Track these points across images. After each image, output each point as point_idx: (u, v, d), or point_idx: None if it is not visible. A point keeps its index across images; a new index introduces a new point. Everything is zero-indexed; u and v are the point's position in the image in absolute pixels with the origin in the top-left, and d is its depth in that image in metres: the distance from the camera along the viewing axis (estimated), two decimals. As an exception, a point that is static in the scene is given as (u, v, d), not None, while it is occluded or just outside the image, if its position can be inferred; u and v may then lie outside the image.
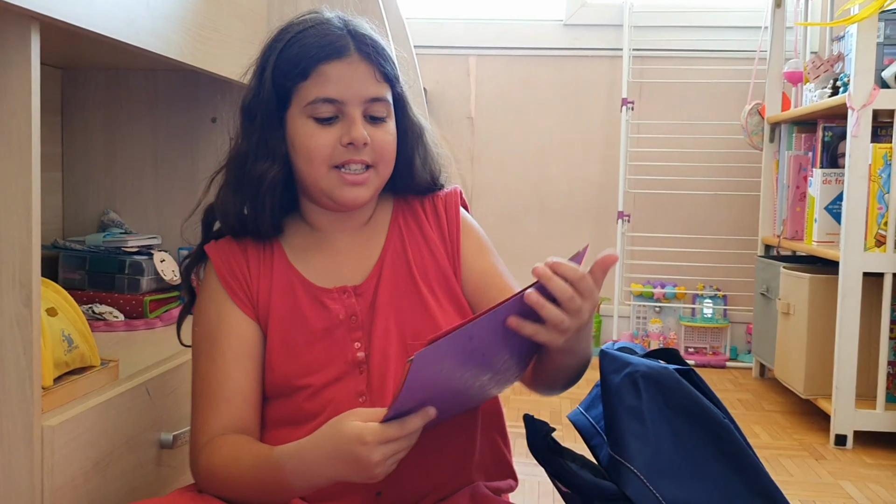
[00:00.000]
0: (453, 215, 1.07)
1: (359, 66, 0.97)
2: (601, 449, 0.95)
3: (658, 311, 3.34)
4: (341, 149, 0.97)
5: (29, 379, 0.91)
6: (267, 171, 0.99)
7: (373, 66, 0.97)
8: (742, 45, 3.24)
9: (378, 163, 0.99)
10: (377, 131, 0.98)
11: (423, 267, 1.03)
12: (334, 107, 0.97)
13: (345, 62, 0.96)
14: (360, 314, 1.00)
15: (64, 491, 0.96)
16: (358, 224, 1.05)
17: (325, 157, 0.97)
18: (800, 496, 1.83)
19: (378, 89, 0.98)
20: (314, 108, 0.97)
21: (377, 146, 0.98)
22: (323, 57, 0.96)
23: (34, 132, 0.91)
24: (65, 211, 1.74)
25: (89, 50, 1.48)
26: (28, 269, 0.91)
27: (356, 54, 0.97)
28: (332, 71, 0.96)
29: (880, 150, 2.17)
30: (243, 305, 1.01)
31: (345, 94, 0.96)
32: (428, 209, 1.07)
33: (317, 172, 0.98)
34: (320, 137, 0.97)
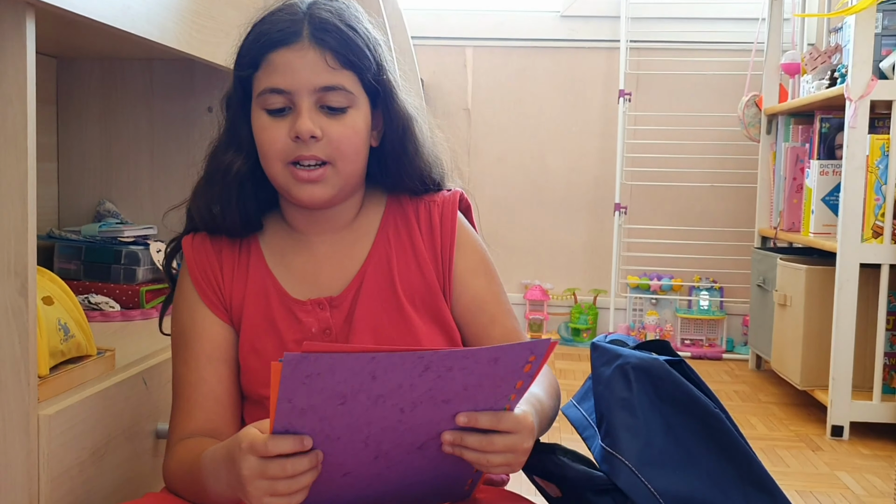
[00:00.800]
0: (448, 227, 0.99)
1: (307, 53, 0.90)
2: (593, 441, 0.95)
3: (654, 303, 3.34)
4: (292, 143, 0.90)
5: (25, 368, 0.90)
6: (232, 162, 0.94)
7: (325, 52, 0.90)
8: (739, 36, 3.24)
9: (335, 158, 0.91)
10: (333, 123, 0.91)
11: (407, 282, 0.97)
12: (283, 98, 0.90)
13: (293, 49, 0.90)
14: (334, 328, 0.95)
15: (60, 480, 0.96)
16: (339, 226, 0.99)
17: (277, 153, 0.91)
18: (796, 487, 1.83)
19: (331, 77, 0.90)
20: (264, 99, 0.91)
21: (333, 140, 0.91)
22: (272, 44, 0.90)
23: (30, 121, 0.90)
24: (60, 201, 1.74)
25: (85, 39, 1.47)
26: (23, 257, 0.90)
27: (307, 40, 0.90)
28: (280, 59, 0.90)
29: (878, 141, 2.17)
30: (215, 308, 0.97)
31: (291, 84, 0.90)
32: (422, 216, 0.99)
33: (273, 168, 0.92)
34: (272, 131, 0.91)
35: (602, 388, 0.95)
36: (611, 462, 0.91)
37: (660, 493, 0.89)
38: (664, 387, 0.93)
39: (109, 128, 1.73)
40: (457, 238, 0.99)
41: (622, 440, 0.91)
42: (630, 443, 0.91)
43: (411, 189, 1.00)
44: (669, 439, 0.92)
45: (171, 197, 1.72)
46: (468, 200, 1.04)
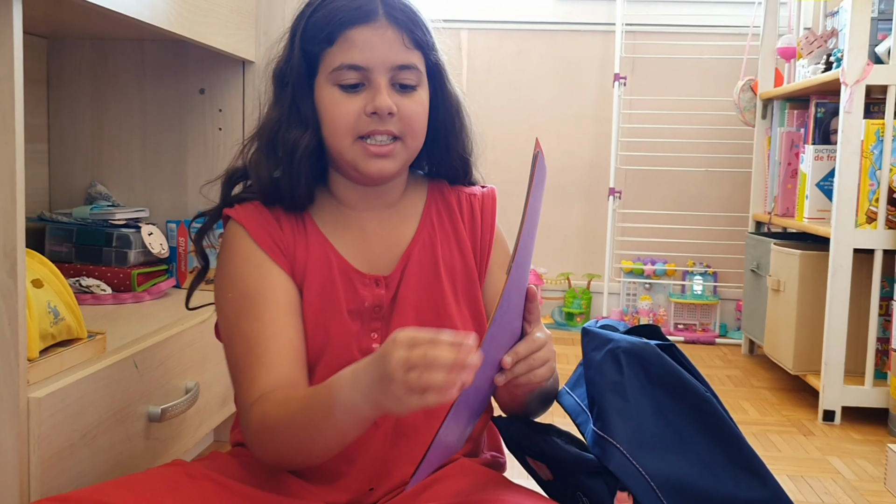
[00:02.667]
0: (489, 220, 1.04)
1: (386, 32, 0.93)
2: (586, 426, 0.95)
3: (648, 288, 3.34)
4: (366, 118, 0.93)
5: (14, 350, 0.90)
6: (300, 138, 0.95)
7: (401, 32, 0.93)
8: (735, 20, 3.23)
9: (406, 134, 0.95)
10: (405, 100, 0.94)
11: (451, 266, 1.00)
12: (360, 74, 0.93)
13: (371, 27, 0.92)
14: (384, 306, 0.98)
15: (51, 463, 0.96)
16: (386, 203, 1.01)
17: (349, 127, 0.93)
18: (788, 471, 1.84)
19: (407, 56, 0.94)
20: (339, 74, 0.93)
21: (405, 116, 0.94)
22: (349, 22, 0.92)
23: (17, 102, 0.89)
24: (51, 183, 1.73)
25: (75, 19, 1.45)
26: (12, 239, 0.90)
27: (384, 19, 0.93)
28: (358, 36, 0.92)
29: (873, 127, 2.16)
30: (284, 265, 0.96)
31: (370, 61, 0.92)
32: (464, 206, 1.04)
33: (341, 143, 0.94)
34: (345, 106, 0.93)
35: (593, 373, 0.95)
36: (602, 445, 0.91)
37: (650, 475, 0.89)
38: (655, 371, 0.94)
39: (100, 109, 1.72)
40: (495, 233, 1.04)
41: (613, 424, 0.92)
42: (621, 426, 0.92)
43: (453, 171, 1.04)
44: (660, 423, 0.92)
45: (162, 179, 1.71)
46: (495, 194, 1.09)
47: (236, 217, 0.98)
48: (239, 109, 1.69)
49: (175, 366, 1.27)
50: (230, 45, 1.51)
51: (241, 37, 1.56)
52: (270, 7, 1.63)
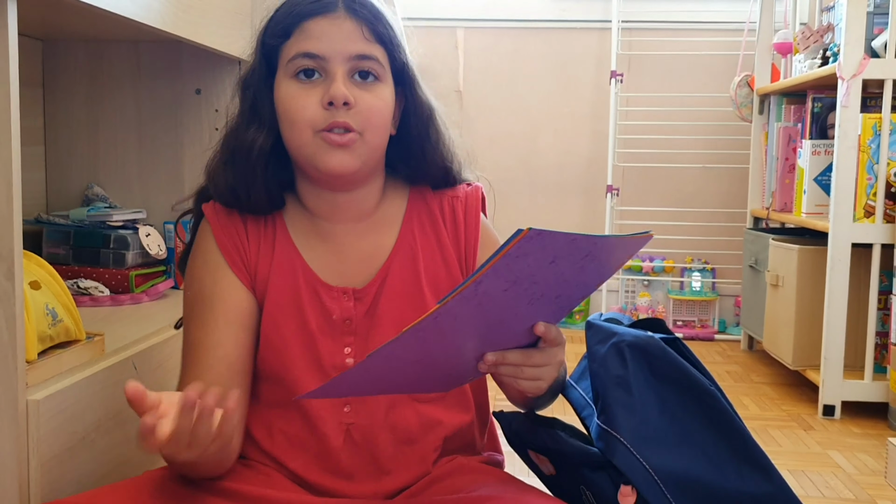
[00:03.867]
0: (472, 223, 1.00)
1: (344, 23, 0.91)
2: (591, 420, 0.95)
3: (647, 285, 3.34)
4: (322, 111, 0.90)
5: (12, 353, 0.89)
6: (255, 138, 0.93)
7: (361, 23, 0.91)
8: (731, 16, 3.23)
9: (365, 129, 0.91)
10: (364, 93, 0.91)
11: (434, 277, 0.97)
12: (315, 62, 0.90)
13: (328, 18, 0.90)
14: (354, 319, 0.95)
15: (50, 465, 0.95)
16: (360, 214, 0.97)
17: (307, 120, 0.90)
18: (788, 466, 1.84)
19: (366, 46, 0.91)
20: (295, 64, 0.91)
21: (363, 109, 0.90)
22: (306, 14, 0.91)
23: (13, 104, 0.88)
24: (48, 185, 1.72)
25: (70, 20, 1.45)
26: (9, 241, 0.89)
27: (343, 11, 0.91)
28: (315, 27, 0.90)
29: (870, 121, 2.16)
30: (240, 273, 0.96)
31: (326, 49, 0.90)
32: (446, 211, 1.00)
33: (300, 137, 0.91)
34: (301, 98, 0.90)
35: (597, 367, 0.95)
36: (607, 439, 0.91)
37: (655, 469, 0.89)
38: (659, 364, 0.94)
39: (96, 110, 1.71)
40: (481, 235, 1.00)
41: (618, 417, 0.91)
42: (626, 420, 0.91)
43: (433, 179, 1.00)
44: (665, 416, 0.92)
45: (159, 180, 1.71)
46: (483, 193, 1.05)
47: (208, 214, 0.98)
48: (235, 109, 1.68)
49: (174, 367, 1.26)
50: (226, 44, 1.50)
51: (237, 36, 1.56)
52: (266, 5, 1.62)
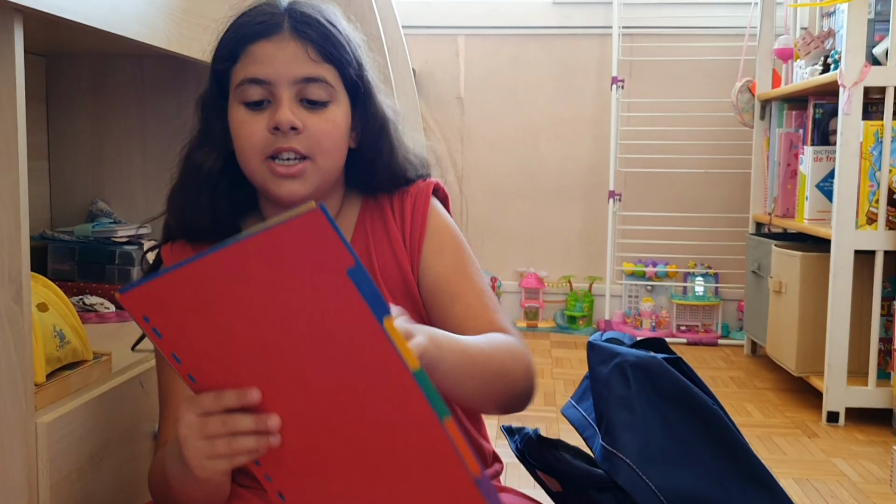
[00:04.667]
0: (420, 214, 0.97)
1: (288, 45, 0.88)
2: (594, 440, 0.95)
3: (650, 290, 3.35)
4: (270, 136, 0.88)
5: (21, 376, 0.90)
6: (204, 160, 0.93)
7: (306, 45, 0.89)
8: (732, 21, 3.23)
9: (315, 154, 0.89)
10: (313, 117, 0.89)
11: (386, 272, 0.96)
12: (263, 89, 0.88)
13: (273, 41, 0.88)
14: None
15: (60, 486, 0.95)
16: None
17: (255, 147, 0.89)
18: (793, 475, 1.84)
19: (312, 69, 0.89)
20: (242, 91, 0.89)
21: (313, 133, 0.88)
22: (251, 37, 0.89)
23: (20, 128, 0.89)
24: (52, 201, 1.72)
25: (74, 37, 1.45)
26: (17, 263, 0.90)
27: (288, 32, 0.89)
28: (260, 50, 0.88)
29: (871, 128, 2.17)
30: None
31: (271, 74, 0.88)
32: (396, 207, 0.98)
33: (250, 164, 0.90)
34: (249, 125, 0.89)
35: (600, 387, 0.95)
36: (611, 460, 0.91)
37: (660, 490, 0.89)
38: (662, 384, 0.94)
39: (100, 125, 1.72)
40: (428, 222, 0.97)
41: (622, 438, 0.91)
42: (630, 441, 0.91)
43: (387, 188, 0.99)
44: (668, 436, 0.92)
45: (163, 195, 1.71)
46: (445, 191, 1.02)
47: (164, 257, 0.99)
48: (239, 123, 1.68)
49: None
50: (229, 60, 1.51)
51: (240, 51, 1.57)
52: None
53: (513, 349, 0.89)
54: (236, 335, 0.68)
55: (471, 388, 0.82)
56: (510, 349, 0.89)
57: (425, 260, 0.96)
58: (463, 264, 0.96)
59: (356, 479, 0.73)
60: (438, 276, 0.95)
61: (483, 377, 0.83)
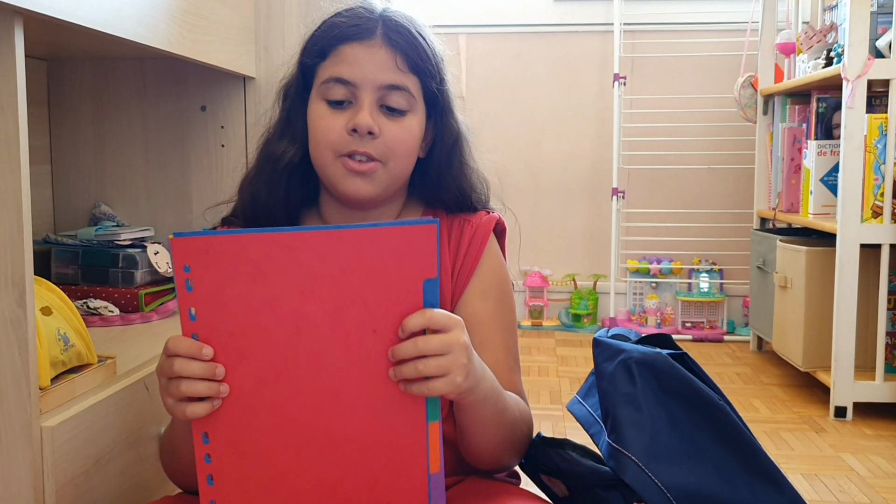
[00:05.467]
0: (475, 249, 0.97)
1: (378, 51, 0.91)
2: (600, 437, 0.95)
3: (654, 287, 3.34)
4: (346, 136, 0.90)
5: (25, 380, 0.90)
6: (285, 150, 0.95)
7: (395, 53, 0.91)
8: (733, 16, 3.22)
9: (388, 158, 0.92)
10: (391, 124, 0.91)
11: None
12: (346, 89, 0.91)
13: (364, 44, 0.91)
14: None
15: (65, 490, 0.95)
16: None
17: (330, 143, 0.91)
18: (801, 470, 1.84)
19: (397, 77, 0.91)
20: (326, 88, 0.92)
21: (388, 140, 0.91)
22: (344, 38, 0.91)
23: (21, 131, 0.89)
24: (55, 204, 1.72)
25: (75, 40, 1.45)
26: (20, 268, 0.89)
27: (380, 38, 0.91)
28: (350, 52, 0.91)
29: (875, 121, 2.16)
30: None
31: (358, 77, 0.90)
32: (454, 233, 0.99)
33: (323, 158, 0.92)
34: (329, 120, 0.91)
35: (606, 384, 0.95)
36: (617, 458, 0.91)
37: (667, 487, 0.88)
38: (668, 381, 0.93)
39: (102, 129, 1.72)
40: (482, 260, 0.97)
41: (628, 435, 0.91)
42: (636, 438, 0.91)
43: (448, 204, 1.00)
44: (675, 433, 0.91)
45: (166, 198, 1.71)
46: (504, 224, 1.03)
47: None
48: (241, 125, 1.68)
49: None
50: (230, 61, 1.51)
51: (241, 53, 1.56)
52: (269, 22, 1.63)
53: (525, 410, 0.95)
54: (279, 310, 0.72)
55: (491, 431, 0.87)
56: (522, 409, 0.94)
57: (467, 296, 0.96)
58: (502, 315, 0.97)
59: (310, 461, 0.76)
60: (475, 318, 0.95)
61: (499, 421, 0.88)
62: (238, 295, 0.72)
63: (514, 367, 0.97)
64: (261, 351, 0.74)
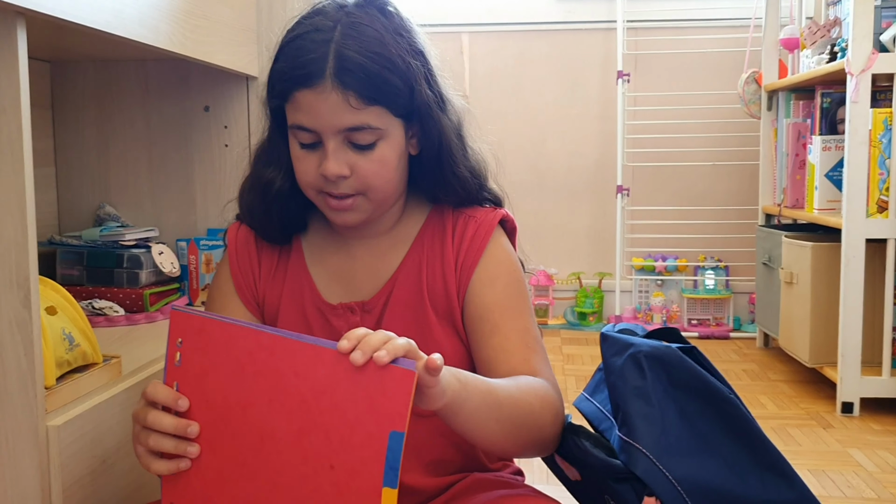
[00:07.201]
0: (479, 243, 0.98)
1: (330, 96, 0.87)
2: (611, 433, 0.94)
3: (660, 285, 3.33)
4: (321, 178, 0.91)
5: (31, 380, 0.90)
6: (273, 179, 0.96)
7: (348, 94, 0.87)
8: (737, 12, 3.22)
9: (366, 190, 0.91)
10: (361, 159, 0.90)
11: (432, 288, 0.97)
12: (312, 135, 0.90)
13: (315, 91, 0.87)
14: None
15: (72, 490, 0.95)
16: (378, 231, 0.99)
17: (308, 183, 0.92)
18: (809, 466, 1.83)
19: (355, 118, 0.88)
20: (295, 133, 0.91)
21: (361, 175, 0.90)
22: (295, 84, 0.89)
23: (25, 131, 0.89)
24: (60, 206, 1.73)
25: (78, 42, 1.45)
26: (25, 269, 0.89)
27: (329, 81, 0.86)
28: (304, 99, 0.88)
29: (880, 115, 2.15)
30: (247, 302, 1.00)
31: (317, 125, 0.89)
32: (459, 229, 0.99)
33: (307, 193, 0.94)
34: (304, 163, 0.92)
35: (615, 379, 0.94)
36: (629, 451, 0.90)
37: (678, 480, 0.88)
38: (678, 374, 0.93)
39: (106, 130, 1.72)
40: (486, 251, 0.97)
41: (638, 429, 0.91)
42: (646, 431, 0.90)
43: (451, 199, 1.00)
44: (685, 426, 0.91)
45: (170, 198, 1.71)
46: (514, 222, 1.03)
47: (229, 239, 1.02)
48: (244, 125, 1.68)
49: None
50: (233, 61, 1.51)
51: (244, 53, 1.56)
52: (271, 22, 1.62)
53: (542, 394, 0.90)
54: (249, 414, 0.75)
55: (495, 431, 0.84)
56: (540, 394, 0.90)
57: (474, 287, 0.96)
58: (512, 299, 0.97)
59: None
60: (483, 305, 0.96)
61: (510, 420, 0.85)
62: (218, 387, 0.76)
63: (530, 348, 0.96)
64: (227, 445, 0.77)
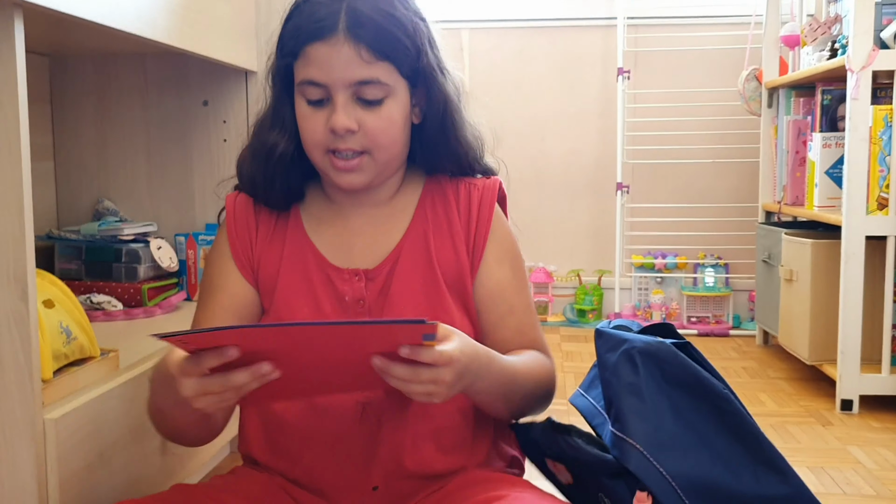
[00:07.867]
0: (486, 213, 1.00)
1: (343, 48, 0.89)
2: (604, 428, 0.94)
3: (660, 282, 3.33)
4: (330, 135, 0.92)
5: (28, 373, 0.90)
6: (277, 142, 0.96)
7: (360, 47, 0.89)
8: (737, 9, 3.21)
9: (372, 148, 0.93)
10: (369, 116, 0.92)
11: (442, 258, 0.98)
12: (321, 90, 0.91)
13: (328, 43, 0.89)
14: (368, 299, 0.97)
15: (69, 483, 0.95)
16: (376, 202, 1.00)
17: (315, 142, 0.93)
18: (808, 463, 1.83)
19: (366, 71, 0.90)
20: (303, 89, 0.93)
21: (369, 132, 0.92)
22: (308, 38, 0.91)
23: (22, 124, 0.89)
24: (59, 200, 1.73)
25: (76, 36, 1.45)
26: (22, 263, 0.90)
27: (342, 34, 0.89)
28: (316, 53, 0.90)
29: (880, 112, 2.15)
30: (242, 268, 1.00)
31: (327, 78, 0.90)
32: (462, 197, 1.01)
33: (313, 155, 0.95)
34: (311, 121, 0.93)
35: (609, 375, 0.94)
36: (621, 447, 0.90)
37: (671, 475, 0.88)
38: (671, 370, 0.93)
39: (105, 125, 1.72)
40: (492, 228, 1.00)
41: (632, 425, 0.91)
42: (640, 427, 0.90)
43: (449, 170, 1.02)
44: (679, 422, 0.91)
45: (169, 192, 1.71)
46: (504, 191, 1.05)
47: (227, 206, 1.03)
48: (243, 120, 1.69)
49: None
50: (231, 56, 1.51)
51: (242, 47, 1.56)
52: (270, 16, 1.63)
53: (546, 369, 0.99)
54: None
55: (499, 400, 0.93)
56: (544, 369, 0.99)
57: (486, 264, 0.99)
58: (519, 277, 1.01)
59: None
60: (499, 285, 0.99)
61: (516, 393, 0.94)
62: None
63: (537, 324, 1.02)
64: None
